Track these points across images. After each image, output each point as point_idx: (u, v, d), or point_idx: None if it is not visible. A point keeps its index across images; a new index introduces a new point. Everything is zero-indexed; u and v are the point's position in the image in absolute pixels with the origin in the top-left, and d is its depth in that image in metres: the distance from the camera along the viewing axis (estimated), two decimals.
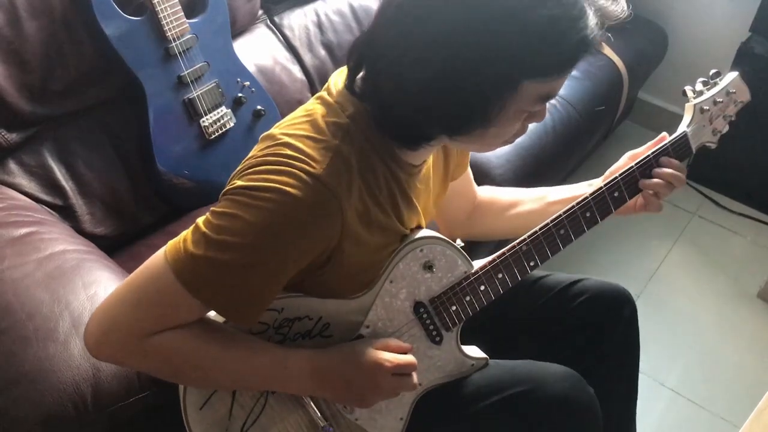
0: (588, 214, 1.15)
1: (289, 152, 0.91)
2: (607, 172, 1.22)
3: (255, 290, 0.92)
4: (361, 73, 0.95)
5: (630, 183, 1.17)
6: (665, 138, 1.19)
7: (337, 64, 1.96)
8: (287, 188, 0.87)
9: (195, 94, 1.57)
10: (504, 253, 1.14)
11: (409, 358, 1.05)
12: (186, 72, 1.55)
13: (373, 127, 0.96)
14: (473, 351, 1.20)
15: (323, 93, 1.01)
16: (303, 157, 0.90)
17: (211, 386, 1.02)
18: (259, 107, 1.71)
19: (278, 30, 1.89)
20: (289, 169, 0.89)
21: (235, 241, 0.88)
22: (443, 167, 1.21)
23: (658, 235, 2.30)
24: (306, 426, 1.09)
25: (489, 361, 1.20)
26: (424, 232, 1.11)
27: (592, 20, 0.87)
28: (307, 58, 1.91)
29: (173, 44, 1.52)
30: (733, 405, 1.85)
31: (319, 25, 1.94)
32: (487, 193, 1.39)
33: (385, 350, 1.04)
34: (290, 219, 0.88)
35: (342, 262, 0.98)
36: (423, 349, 1.14)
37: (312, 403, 1.08)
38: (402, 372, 1.04)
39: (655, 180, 1.15)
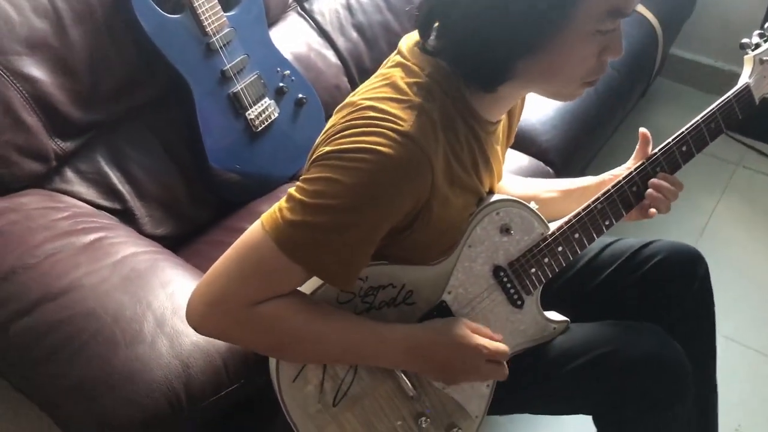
0: (658, 169, 1.15)
1: (374, 114, 0.92)
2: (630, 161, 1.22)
3: (353, 251, 0.93)
4: (431, 30, 0.95)
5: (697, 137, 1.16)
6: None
7: (369, 45, 1.95)
8: (379, 147, 0.88)
9: (239, 88, 1.57)
10: (579, 213, 1.13)
11: (503, 346, 1.05)
12: (228, 66, 1.55)
13: (452, 84, 0.97)
14: (554, 315, 1.20)
15: (397, 57, 1.02)
16: (390, 117, 0.91)
17: (310, 359, 1.03)
18: (300, 95, 1.70)
19: (309, 16, 1.88)
20: (378, 129, 0.90)
21: (332, 203, 0.89)
22: (507, 131, 1.20)
23: (703, 189, 2.27)
24: (396, 396, 1.10)
25: (570, 324, 1.20)
26: (499, 195, 1.10)
27: None
28: (340, 41, 1.90)
29: (214, 39, 1.51)
30: None
31: (349, 8, 1.93)
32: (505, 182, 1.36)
33: (477, 333, 1.04)
34: (385, 178, 0.89)
35: (428, 221, 0.98)
36: (505, 313, 1.14)
37: (402, 374, 1.08)
38: (496, 359, 1.05)
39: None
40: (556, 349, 1.17)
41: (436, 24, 0.95)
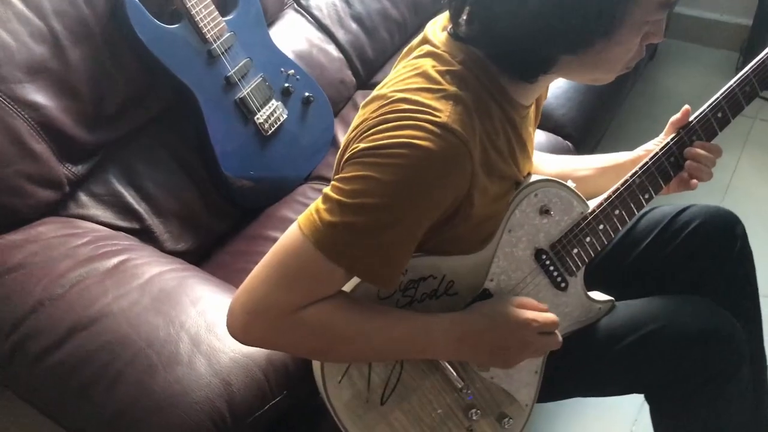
0: (694, 138, 1.12)
1: (408, 106, 0.88)
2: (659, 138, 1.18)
3: (395, 249, 0.90)
4: (463, 16, 0.91)
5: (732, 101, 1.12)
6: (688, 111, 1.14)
7: (369, 35, 1.91)
8: (417, 141, 0.85)
9: (245, 93, 1.53)
10: (618, 189, 1.09)
11: (552, 315, 1.01)
12: (232, 72, 1.50)
13: (486, 71, 0.93)
14: (598, 295, 1.16)
15: (426, 46, 0.98)
16: (425, 108, 0.87)
17: (357, 358, 1.00)
18: (307, 94, 1.66)
19: (307, 12, 1.84)
20: (414, 122, 0.86)
21: (372, 202, 0.86)
22: (535, 111, 1.17)
23: (722, 146, 2.22)
24: (444, 389, 1.06)
25: (615, 303, 1.16)
26: (536, 176, 1.07)
27: None
28: (340, 34, 1.86)
29: (215, 45, 1.47)
30: None
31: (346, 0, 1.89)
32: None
33: (523, 307, 1.01)
34: (425, 172, 0.86)
35: (469, 213, 0.95)
36: (550, 297, 1.10)
37: (449, 366, 1.05)
38: (547, 330, 1.01)
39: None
40: (604, 329, 1.13)
41: (467, 9, 0.91)
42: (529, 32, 0.87)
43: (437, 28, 0.99)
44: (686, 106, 1.13)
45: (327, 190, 0.90)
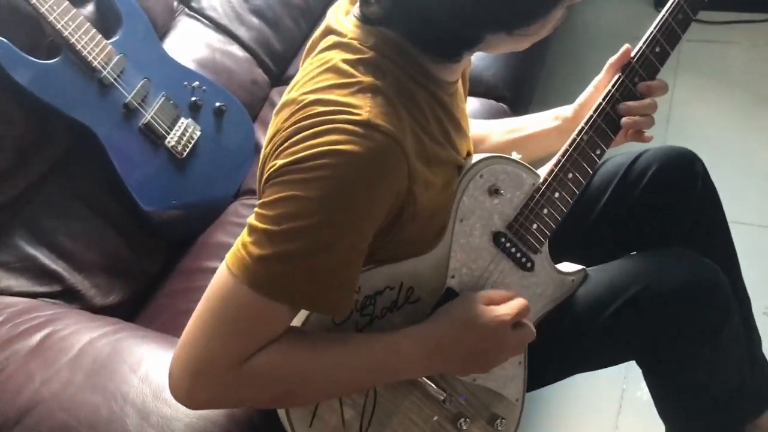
0: (636, 79, 1.04)
1: (322, 108, 0.78)
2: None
3: (341, 270, 0.80)
4: None
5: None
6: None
7: (273, 27, 1.79)
8: (340, 146, 0.75)
9: (148, 117, 1.39)
10: (566, 150, 1.00)
11: (521, 301, 0.93)
12: (130, 97, 1.37)
13: (402, 53, 0.83)
14: (567, 267, 1.08)
15: (331, 37, 0.87)
16: (341, 108, 0.77)
17: (323, 398, 0.90)
18: (218, 104, 1.53)
19: (201, 14, 1.70)
20: (332, 125, 0.76)
21: (302, 225, 0.76)
22: (463, 83, 1.07)
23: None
24: (426, 405, 0.97)
25: (588, 272, 1.08)
26: (477, 156, 0.97)
27: None
28: (242, 32, 1.73)
29: (105, 73, 1.33)
30: None
31: None
32: None
33: (491, 303, 0.92)
34: (355, 180, 0.76)
35: (415, 211, 0.85)
36: (517, 280, 1.01)
37: (426, 379, 0.96)
38: (520, 320, 0.92)
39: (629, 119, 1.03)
40: (582, 302, 1.05)
41: None
42: (454, 12, 0.78)
43: (340, 14, 0.88)
44: (626, 46, 1.04)
45: (251, 219, 0.79)
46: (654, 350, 1.07)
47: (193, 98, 1.48)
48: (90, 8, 1.40)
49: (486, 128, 1.21)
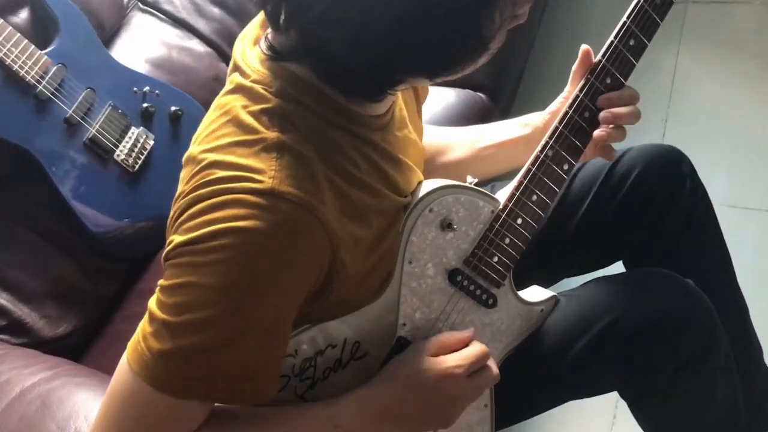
0: (608, 80, 0.90)
1: (222, 174, 0.68)
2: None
3: (256, 359, 0.71)
4: (282, 18, 0.69)
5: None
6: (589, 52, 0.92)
7: (237, 16, 1.66)
8: (239, 223, 0.66)
9: (93, 131, 1.29)
10: (528, 170, 0.89)
11: (477, 348, 0.83)
12: (71, 111, 1.26)
13: (314, 93, 0.72)
14: (536, 293, 0.97)
15: (234, 75, 0.76)
16: (242, 173, 0.67)
17: None
18: (173, 108, 1.42)
19: (156, 8, 1.57)
20: (231, 196, 0.67)
21: (203, 316, 0.66)
22: (413, 93, 0.96)
23: (658, 44, 2.00)
24: None
25: (559, 297, 0.97)
26: (425, 187, 0.86)
27: None
28: (202, 24, 1.61)
29: (40, 87, 1.23)
30: None
31: None
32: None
33: (443, 351, 0.82)
34: (259, 260, 0.67)
35: (346, 274, 0.75)
36: (479, 318, 0.91)
37: None
38: (477, 367, 0.82)
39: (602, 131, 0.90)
40: (552, 334, 0.95)
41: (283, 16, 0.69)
42: (367, 55, 0.67)
43: (247, 46, 0.77)
44: (584, 47, 0.91)
45: (152, 302, 0.70)
46: (631, 385, 0.97)
47: (145, 104, 1.38)
48: (23, 15, 1.29)
49: (448, 138, 1.09)
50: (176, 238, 0.69)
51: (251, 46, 0.77)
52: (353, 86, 0.72)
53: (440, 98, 1.43)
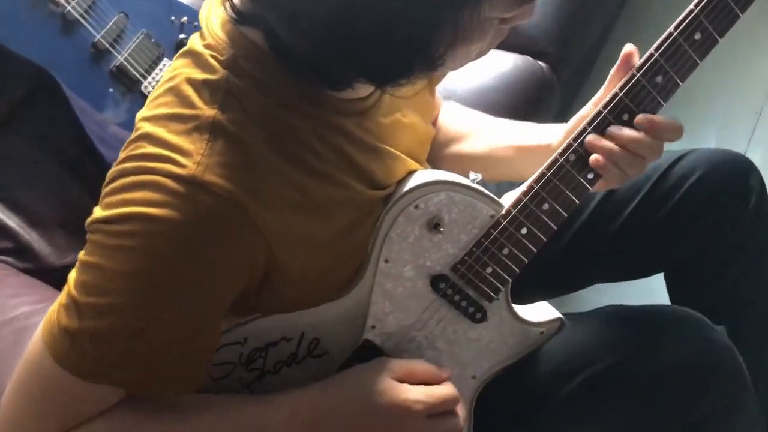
0: (659, 79, 0.75)
1: (149, 150, 0.62)
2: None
3: (169, 352, 0.65)
4: None
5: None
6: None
7: None
8: (151, 210, 0.60)
9: (121, 59, 1.23)
10: (543, 174, 0.76)
11: (447, 390, 0.73)
12: (100, 36, 1.21)
13: (274, 69, 0.64)
14: (540, 311, 0.86)
15: (194, 35, 0.69)
16: (167, 153, 0.61)
17: None
18: None
19: None
20: (151, 177, 0.61)
21: (106, 302, 0.62)
22: None
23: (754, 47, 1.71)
24: None
25: (565, 321, 0.85)
26: (413, 180, 0.75)
27: None
28: None
29: (68, 8, 1.17)
30: None
31: None
32: (444, 113, 0.99)
33: (409, 379, 0.73)
34: (168, 254, 0.61)
35: (290, 274, 0.67)
36: (463, 332, 0.82)
37: None
38: (442, 410, 0.73)
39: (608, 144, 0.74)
40: (548, 363, 0.84)
41: None
42: (309, 43, 0.59)
43: (216, 2, 0.68)
44: (628, 47, 0.76)
45: (71, 274, 0.65)
46: None
47: (181, 36, 1.30)
48: None
49: (468, 126, 0.97)
50: (96, 211, 0.64)
51: (218, 4, 0.67)
52: (305, 70, 0.62)
53: (493, 64, 1.28)
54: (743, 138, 1.54)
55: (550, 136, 0.86)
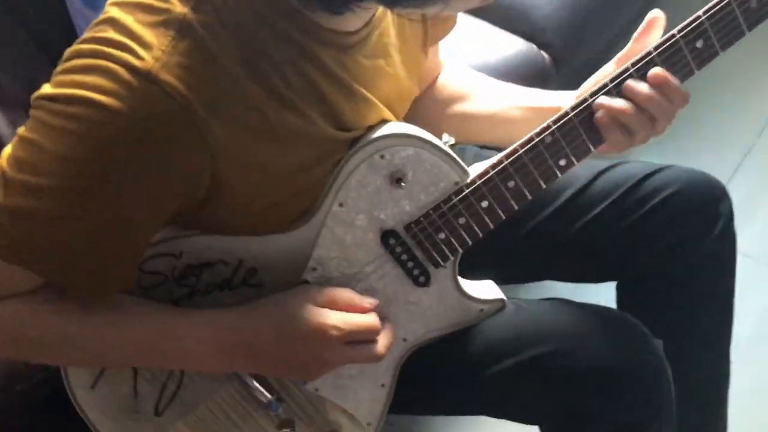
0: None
1: (111, 35, 0.60)
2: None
3: (93, 248, 0.64)
4: None
5: None
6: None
7: None
8: (98, 96, 0.58)
9: None
10: (515, 151, 0.75)
11: (367, 319, 0.73)
12: None
13: None
14: (485, 289, 0.85)
15: None
16: (129, 42, 0.59)
17: (81, 365, 0.77)
18: None
19: None
20: (106, 63, 0.59)
21: (38, 182, 0.60)
22: (422, 26, 0.81)
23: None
24: (246, 402, 0.81)
25: (507, 303, 0.85)
26: (385, 129, 0.74)
27: None
28: None
29: None
30: None
31: None
32: (446, 72, 0.97)
33: (331, 306, 0.72)
34: (108, 144, 0.60)
35: (237, 199, 0.66)
36: (402, 293, 0.80)
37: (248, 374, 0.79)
38: (360, 339, 0.73)
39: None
40: (481, 341, 0.83)
41: None
42: None
43: None
44: (655, 12, 0.74)
45: (6, 148, 0.63)
46: (550, 425, 0.85)
47: None
48: None
49: (473, 85, 0.95)
50: (45, 87, 0.62)
51: None
52: None
53: (498, 46, 1.25)
54: (729, 168, 1.54)
55: (561, 100, 0.84)
